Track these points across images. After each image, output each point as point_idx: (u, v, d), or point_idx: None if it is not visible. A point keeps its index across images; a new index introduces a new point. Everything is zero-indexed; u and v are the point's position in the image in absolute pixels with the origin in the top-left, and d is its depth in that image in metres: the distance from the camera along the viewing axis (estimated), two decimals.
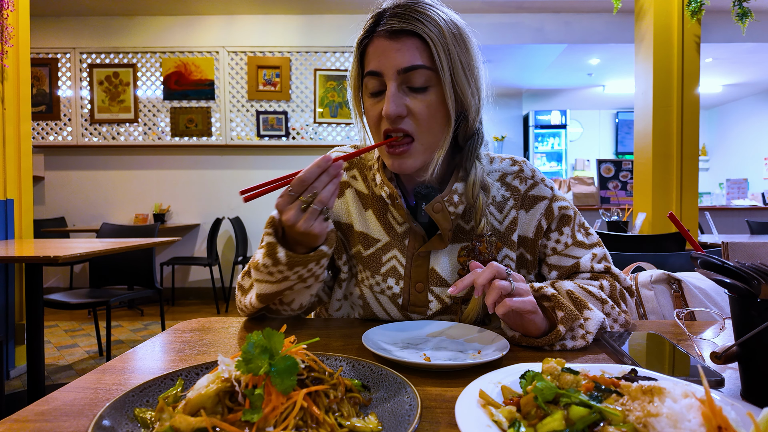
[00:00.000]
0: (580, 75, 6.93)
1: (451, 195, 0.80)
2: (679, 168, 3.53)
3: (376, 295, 0.87)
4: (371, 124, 0.80)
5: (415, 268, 0.85)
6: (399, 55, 0.74)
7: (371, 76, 0.77)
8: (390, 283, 0.85)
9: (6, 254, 1.81)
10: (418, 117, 0.75)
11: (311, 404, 0.40)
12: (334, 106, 4.78)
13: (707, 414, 0.34)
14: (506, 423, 0.39)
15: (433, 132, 0.77)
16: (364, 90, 0.81)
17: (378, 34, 0.76)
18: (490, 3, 4.64)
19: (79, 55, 4.72)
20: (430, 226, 0.85)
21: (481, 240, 0.80)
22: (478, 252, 0.80)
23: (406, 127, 0.76)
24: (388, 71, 0.74)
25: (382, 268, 0.86)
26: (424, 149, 0.78)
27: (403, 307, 0.86)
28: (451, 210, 0.80)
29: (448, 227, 0.81)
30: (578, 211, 0.90)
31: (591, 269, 0.85)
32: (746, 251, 0.92)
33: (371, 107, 0.79)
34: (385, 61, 0.74)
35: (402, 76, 0.74)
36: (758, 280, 0.47)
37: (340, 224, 0.91)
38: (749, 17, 3.35)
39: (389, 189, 0.83)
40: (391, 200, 0.83)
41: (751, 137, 7.97)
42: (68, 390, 0.54)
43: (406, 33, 0.74)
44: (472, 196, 0.81)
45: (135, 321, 3.92)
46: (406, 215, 0.84)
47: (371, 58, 0.77)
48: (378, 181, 0.85)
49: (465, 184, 0.82)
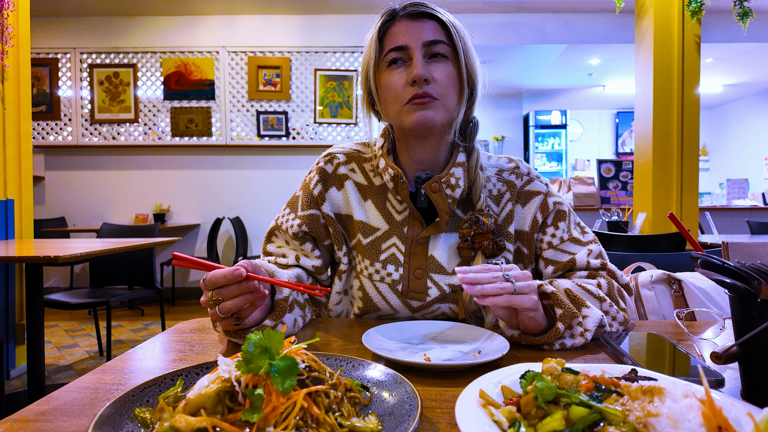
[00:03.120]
0: (580, 75, 6.93)
1: (448, 177, 0.85)
2: (680, 168, 3.53)
3: (375, 284, 0.88)
4: (392, 94, 0.83)
5: (414, 254, 0.87)
6: (423, 31, 0.82)
7: (396, 51, 0.83)
8: (389, 270, 0.87)
9: (6, 254, 1.81)
10: (440, 82, 0.82)
11: (311, 404, 0.40)
12: (335, 106, 4.78)
13: (707, 414, 0.34)
14: (506, 423, 0.39)
15: (452, 98, 0.84)
16: (382, 68, 0.85)
17: (400, 18, 0.84)
18: (490, 3, 4.64)
19: (79, 55, 4.72)
20: (428, 213, 0.88)
21: (482, 213, 0.84)
22: (481, 223, 0.83)
23: (430, 90, 0.81)
24: (414, 43, 0.82)
25: (381, 256, 0.88)
26: (445, 110, 0.83)
27: (402, 294, 0.87)
28: (448, 192, 0.84)
29: (446, 209, 0.85)
30: (573, 210, 0.93)
31: (587, 265, 0.85)
32: (746, 251, 0.92)
33: (393, 78, 0.83)
34: (410, 36, 0.82)
35: (426, 48, 0.82)
36: (758, 280, 0.47)
37: (340, 216, 0.93)
38: (750, 17, 3.35)
39: (394, 170, 0.86)
40: (395, 181, 0.86)
41: (751, 137, 7.97)
42: (68, 390, 0.54)
43: (427, 16, 0.83)
44: (474, 173, 0.87)
45: (135, 321, 3.92)
46: (407, 197, 0.87)
47: (395, 37, 0.83)
48: (382, 165, 0.88)
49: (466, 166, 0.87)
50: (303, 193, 0.94)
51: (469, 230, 0.83)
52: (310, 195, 0.92)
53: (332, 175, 0.94)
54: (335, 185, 0.93)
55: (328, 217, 0.92)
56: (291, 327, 0.77)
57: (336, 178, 0.93)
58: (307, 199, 0.92)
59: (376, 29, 0.85)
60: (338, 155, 0.95)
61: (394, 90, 0.83)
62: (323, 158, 0.96)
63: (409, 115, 0.82)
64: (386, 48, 0.84)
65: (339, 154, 0.95)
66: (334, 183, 0.93)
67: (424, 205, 0.88)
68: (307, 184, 0.94)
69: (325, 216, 0.92)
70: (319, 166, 0.95)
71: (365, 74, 0.88)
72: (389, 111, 0.86)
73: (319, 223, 0.92)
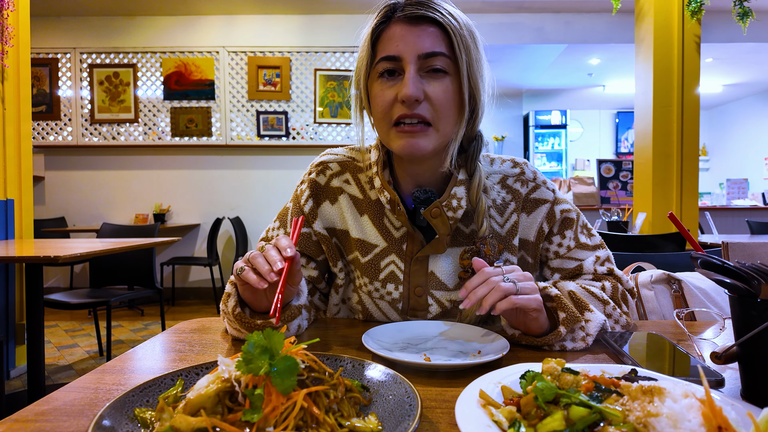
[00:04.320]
0: (580, 75, 6.92)
1: (449, 200, 0.78)
2: (679, 168, 3.53)
3: (375, 300, 0.86)
4: (380, 110, 0.75)
5: (413, 272, 0.84)
6: (419, 40, 0.72)
7: (387, 61, 0.73)
8: (389, 288, 0.84)
9: (6, 254, 1.81)
10: (435, 103, 0.73)
11: (311, 404, 0.40)
12: (335, 106, 4.78)
13: (707, 414, 0.34)
14: (506, 423, 0.39)
15: (449, 120, 0.75)
16: (373, 77, 0.77)
17: (396, 19, 0.74)
18: (490, 3, 4.64)
19: (79, 55, 4.72)
20: (428, 230, 0.83)
21: (484, 242, 0.78)
22: (483, 254, 0.78)
23: (422, 112, 0.72)
24: (407, 55, 0.72)
25: (380, 274, 0.84)
26: (439, 136, 0.75)
27: (403, 312, 0.85)
28: (449, 215, 0.78)
29: (446, 232, 0.80)
30: (581, 213, 0.89)
31: (594, 272, 0.84)
32: (746, 251, 0.92)
33: (382, 91, 0.74)
34: (405, 46, 0.72)
35: (421, 62, 0.72)
36: (758, 280, 0.47)
37: (335, 230, 0.88)
38: (750, 17, 3.35)
39: (390, 194, 0.80)
40: (392, 206, 0.80)
41: (751, 137, 7.97)
42: (68, 390, 0.54)
43: (427, 20, 0.73)
44: (475, 198, 0.80)
45: (135, 321, 3.92)
46: (406, 221, 0.81)
47: (388, 44, 0.74)
48: (377, 184, 0.82)
49: (467, 187, 0.80)
50: (293, 207, 0.89)
51: (469, 262, 0.78)
52: (300, 211, 0.87)
53: (325, 187, 0.88)
54: (328, 199, 0.88)
55: (320, 234, 0.87)
56: (294, 331, 0.77)
57: (329, 191, 0.88)
58: (298, 215, 0.87)
59: (370, 31, 0.76)
60: (331, 165, 0.88)
61: (382, 106, 0.75)
62: (315, 168, 0.89)
63: (396, 140, 0.75)
64: (378, 55, 0.75)
65: (332, 164, 0.88)
66: (327, 197, 0.88)
67: (423, 224, 0.83)
68: (298, 197, 0.89)
69: (317, 234, 0.88)
70: (310, 177, 0.89)
71: (357, 77, 0.80)
72: (378, 127, 0.79)
73: (311, 241, 0.88)
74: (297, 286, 0.74)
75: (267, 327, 0.70)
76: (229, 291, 0.75)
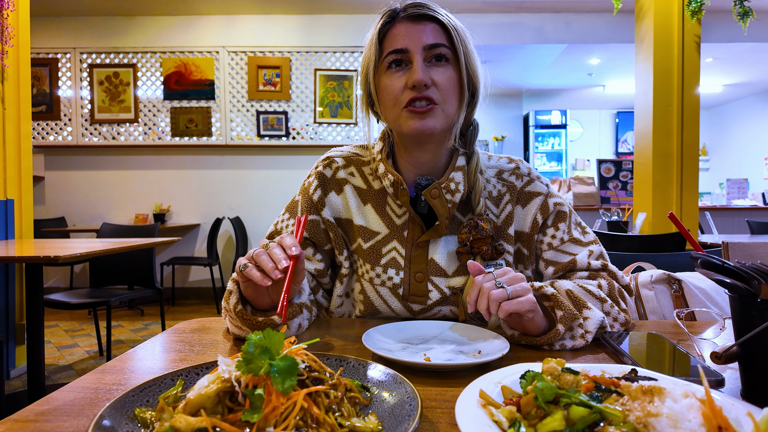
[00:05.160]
0: (580, 75, 6.92)
1: (448, 182, 0.84)
2: (679, 168, 3.53)
3: (376, 287, 0.88)
4: (391, 97, 0.83)
5: (414, 257, 0.87)
6: (423, 34, 0.81)
7: (396, 54, 0.82)
8: (390, 273, 0.87)
9: (6, 254, 1.81)
10: (440, 86, 0.81)
11: (311, 404, 0.40)
12: (335, 106, 4.78)
13: (707, 414, 0.34)
14: (506, 423, 0.39)
15: (453, 104, 0.83)
16: (381, 70, 0.84)
17: (400, 19, 0.83)
18: (490, 3, 4.64)
19: (79, 55, 4.72)
20: (428, 218, 0.88)
21: (481, 218, 0.84)
22: (480, 227, 0.83)
23: (430, 94, 0.81)
24: (414, 47, 0.81)
25: (382, 260, 0.88)
26: (445, 116, 0.83)
27: (403, 298, 0.87)
28: (448, 197, 0.84)
29: (446, 214, 0.84)
30: (573, 210, 0.93)
31: (588, 266, 0.85)
32: (746, 251, 0.92)
33: (391, 81, 0.83)
34: (411, 40, 0.81)
35: (426, 52, 0.81)
36: (758, 280, 0.47)
37: (340, 220, 0.93)
38: (750, 16, 3.35)
39: (393, 176, 0.86)
40: (395, 188, 0.86)
41: (751, 137, 7.97)
42: (68, 390, 0.54)
43: (428, 18, 0.83)
44: (473, 178, 0.87)
45: (135, 321, 3.92)
46: (407, 203, 0.87)
47: (394, 40, 0.83)
48: (381, 170, 0.88)
49: (466, 170, 0.87)
50: (302, 198, 0.93)
51: (468, 235, 0.83)
52: (310, 200, 0.92)
53: (331, 179, 0.94)
54: (335, 189, 0.93)
55: (328, 222, 0.92)
56: (295, 330, 0.78)
57: (335, 182, 0.93)
58: (307, 204, 0.92)
59: (376, 30, 0.84)
60: (337, 159, 0.95)
61: (393, 93, 0.82)
62: (322, 162, 0.95)
63: (407, 121, 0.82)
64: (386, 50, 0.83)
65: (337, 158, 0.95)
66: (333, 187, 0.93)
67: (424, 211, 0.88)
68: (306, 188, 0.94)
69: (325, 221, 0.92)
70: (317, 170, 0.94)
71: (365, 75, 0.88)
72: (388, 114, 0.86)
73: (319, 228, 0.92)
74: (300, 285, 0.78)
75: (268, 324, 0.71)
76: (231, 288, 0.76)
